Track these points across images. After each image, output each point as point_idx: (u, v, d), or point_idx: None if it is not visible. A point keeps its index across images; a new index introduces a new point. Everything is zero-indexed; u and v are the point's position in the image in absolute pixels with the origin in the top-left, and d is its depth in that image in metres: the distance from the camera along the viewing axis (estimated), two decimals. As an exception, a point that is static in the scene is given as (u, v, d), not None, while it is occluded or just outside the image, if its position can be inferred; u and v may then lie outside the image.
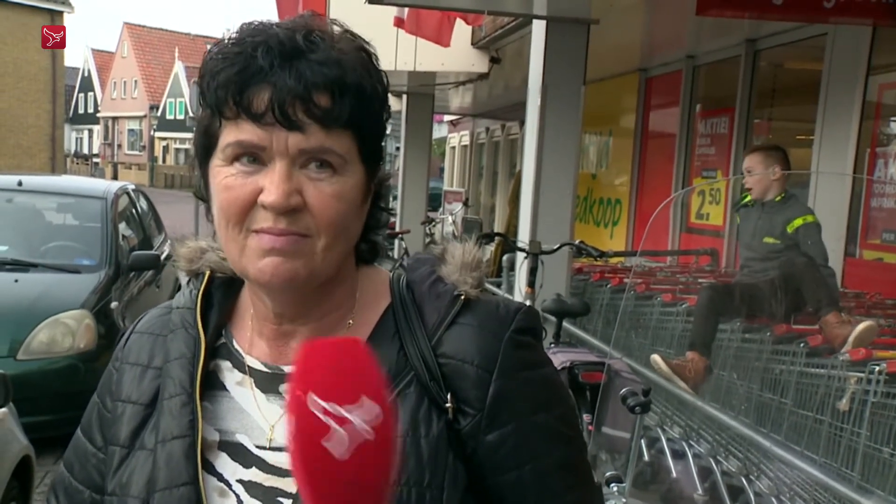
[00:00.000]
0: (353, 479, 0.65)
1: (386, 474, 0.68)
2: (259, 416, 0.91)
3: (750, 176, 3.98)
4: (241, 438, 0.91)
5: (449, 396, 0.87)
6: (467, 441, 0.87)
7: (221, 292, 0.98)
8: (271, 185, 0.82)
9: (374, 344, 0.90)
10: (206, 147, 0.88)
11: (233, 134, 0.84)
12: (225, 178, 0.85)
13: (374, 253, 0.97)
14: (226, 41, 0.87)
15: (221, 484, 0.89)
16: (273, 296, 0.89)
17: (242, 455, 0.90)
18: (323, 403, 0.65)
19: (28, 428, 3.40)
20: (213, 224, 0.92)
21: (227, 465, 0.90)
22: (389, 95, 0.93)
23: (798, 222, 3.88)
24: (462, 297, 0.90)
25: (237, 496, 0.88)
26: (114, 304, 5.33)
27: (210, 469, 0.89)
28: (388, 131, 0.94)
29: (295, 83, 0.81)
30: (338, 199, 0.84)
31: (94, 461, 0.98)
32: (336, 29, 0.89)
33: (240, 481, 0.89)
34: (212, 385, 0.93)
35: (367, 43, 0.90)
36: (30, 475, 3.36)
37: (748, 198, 4.21)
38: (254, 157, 0.84)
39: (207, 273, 0.98)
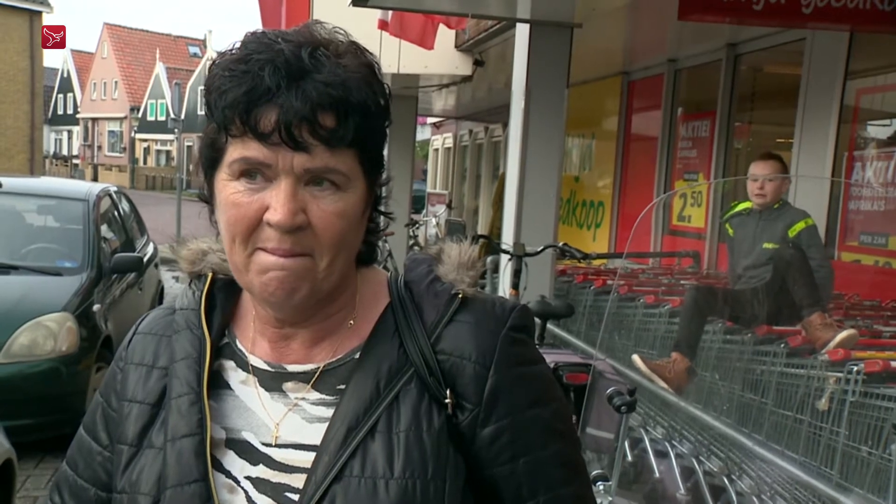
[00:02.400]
0: None
1: None
2: (264, 414, 0.93)
3: (769, 182, 4.01)
4: (247, 436, 0.92)
5: (448, 392, 0.89)
6: (465, 434, 0.90)
7: (224, 294, 1.00)
8: (277, 203, 0.84)
9: (375, 342, 0.93)
10: (211, 159, 0.91)
11: (239, 150, 0.86)
12: (232, 194, 0.87)
13: (372, 255, 0.99)
14: (231, 53, 0.88)
15: (230, 480, 0.91)
16: (275, 308, 0.92)
17: (249, 452, 0.92)
18: None
19: (9, 431, 3.37)
20: (214, 227, 0.95)
21: (234, 463, 0.92)
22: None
23: (800, 226, 3.93)
24: (460, 296, 0.93)
25: (246, 492, 0.90)
26: (96, 307, 5.29)
27: (218, 466, 0.91)
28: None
29: (301, 105, 0.83)
30: (340, 217, 0.86)
31: (99, 459, 1.00)
32: (341, 39, 0.90)
33: (248, 478, 0.91)
34: (216, 384, 0.95)
35: (371, 54, 0.91)
36: (11, 479, 3.33)
37: (740, 207, 4.24)
38: (259, 173, 0.86)
39: (210, 275, 1.00)
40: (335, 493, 0.85)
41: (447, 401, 0.89)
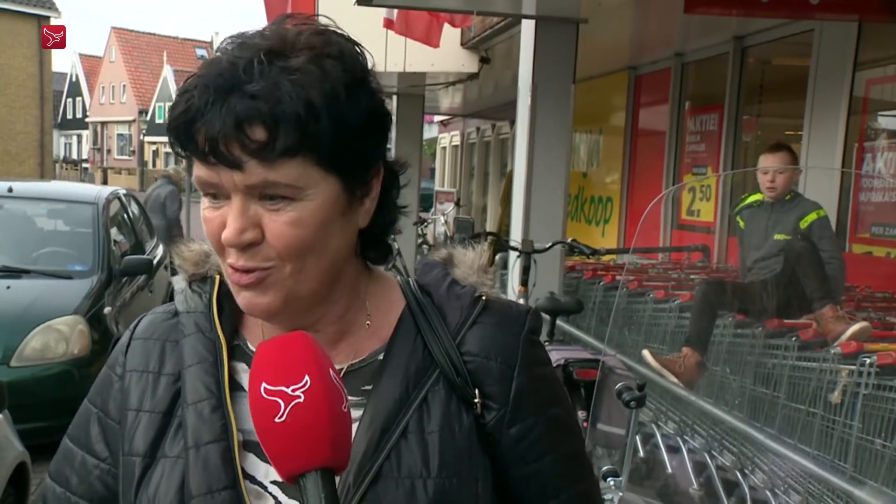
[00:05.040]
0: (292, 433, 0.73)
1: (320, 424, 0.73)
2: None
3: (779, 174, 3.98)
4: None
5: (476, 392, 0.90)
6: (493, 435, 0.91)
7: (230, 296, 0.96)
8: (227, 221, 0.84)
9: (398, 343, 0.92)
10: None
11: (195, 170, 0.86)
12: (203, 210, 0.87)
13: (384, 254, 0.97)
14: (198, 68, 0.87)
15: (256, 486, 0.89)
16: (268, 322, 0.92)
17: None
18: (272, 388, 0.74)
19: (22, 435, 3.40)
20: None
21: (258, 467, 0.89)
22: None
23: (812, 217, 3.90)
24: (483, 299, 0.94)
25: (274, 497, 0.88)
26: (107, 310, 5.32)
27: (242, 472, 0.89)
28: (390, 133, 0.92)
29: (221, 123, 0.80)
30: (294, 226, 0.83)
31: (97, 472, 0.96)
32: (308, 36, 0.85)
33: (274, 482, 0.88)
34: (230, 387, 0.93)
35: (348, 42, 0.87)
36: (26, 482, 3.36)
37: (750, 199, 4.21)
38: (217, 190, 0.85)
39: (217, 277, 0.98)
40: (374, 495, 0.84)
41: (476, 401, 0.90)
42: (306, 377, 0.73)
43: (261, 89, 0.80)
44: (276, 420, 0.73)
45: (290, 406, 0.72)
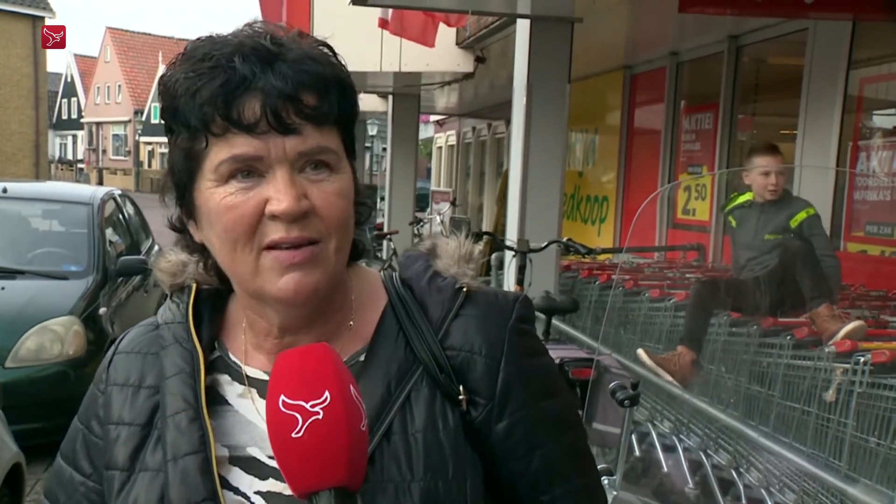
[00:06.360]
0: (308, 450, 0.72)
1: (338, 443, 0.72)
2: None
3: (780, 175, 3.99)
4: (253, 451, 0.89)
5: (461, 388, 0.87)
6: (481, 430, 0.88)
7: (209, 305, 0.96)
8: (278, 192, 0.80)
9: (379, 343, 0.90)
10: (189, 171, 0.85)
11: (224, 150, 0.81)
12: (224, 198, 0.82)
13: (358, 250, 0.95)
14: (185, 59, 0.84)
15: (239, 497, 0.87)
16: (287, 311, 0.87)
17: (257, 467, 0.88)
18: (291, 402, 0.72)
19: (17, 436, 3.39)
20: (192, 253, 0.92)
21: (242, 479, 0.88)
22: (375, 97, 0.93)
23: (801, 216, 3.92)
24: (464, 290, 0.91)
25: None
26: (102, 310, 5.31)
27: (225, 484, 0.87)
28: (374, 132, 0.93)
29: (283, 85, 0.80)
30: (340, 196, 0.84)
31: (83, 490, 0.96)
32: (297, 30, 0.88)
33: (258, 493, 0.87)
34: (213, 400, 0.90)
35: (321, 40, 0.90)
36: (21, 483, 3.35)
37: (741, 199, 4.23)
38: (249, 170, 0.81)
39: (194, 286, 0.96)
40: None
41: (461, 397, 0.87)
42: (326, 393, 0.72)
43: (302, 58, 0.82)
44: (293, 435, 0.71)
45: (308, 422, 0.71)
